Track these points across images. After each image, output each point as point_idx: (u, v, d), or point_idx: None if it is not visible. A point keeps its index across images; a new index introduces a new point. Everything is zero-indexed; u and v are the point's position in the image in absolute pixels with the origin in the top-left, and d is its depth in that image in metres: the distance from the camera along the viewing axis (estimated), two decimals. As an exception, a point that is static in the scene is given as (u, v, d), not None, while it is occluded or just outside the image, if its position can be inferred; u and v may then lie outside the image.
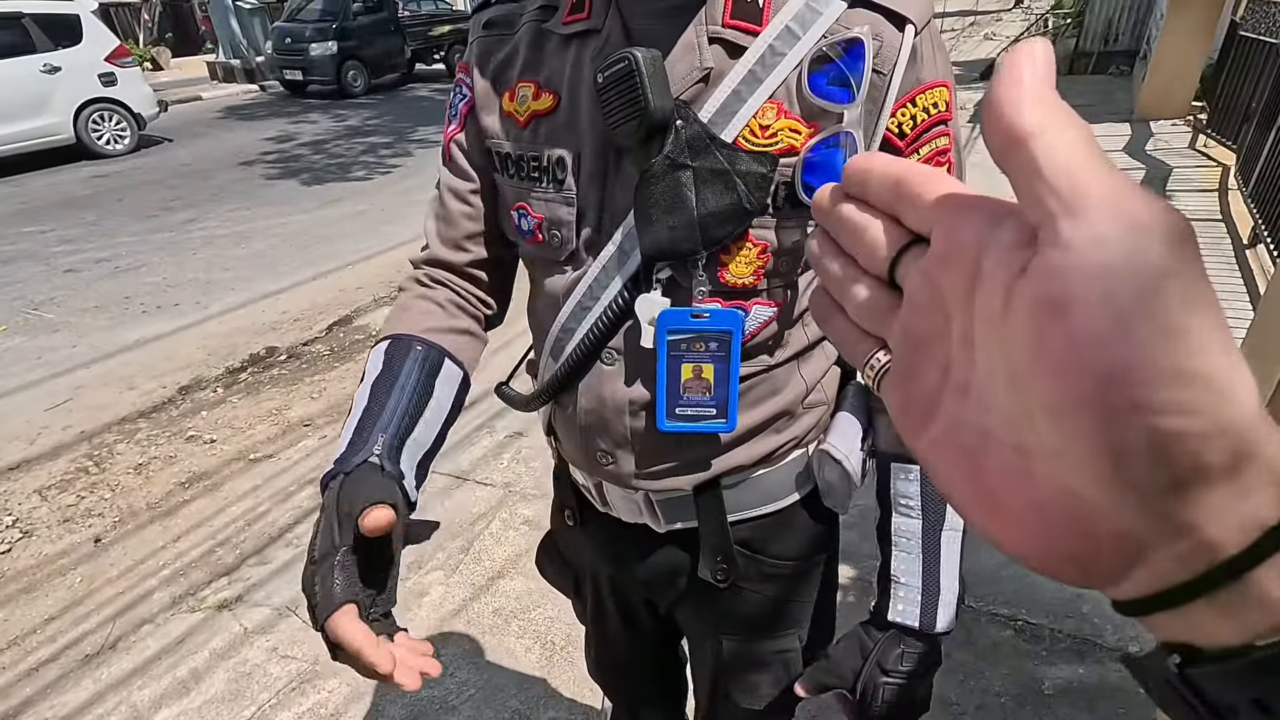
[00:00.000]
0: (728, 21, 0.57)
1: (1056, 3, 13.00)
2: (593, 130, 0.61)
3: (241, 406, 3.08)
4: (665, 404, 0.64)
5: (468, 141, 0.70)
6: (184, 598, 2.04)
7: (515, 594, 1.92)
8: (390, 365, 0.65)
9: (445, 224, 0.73)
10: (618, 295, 0.63)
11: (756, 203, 0.58)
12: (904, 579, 0.70)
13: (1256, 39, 4.43)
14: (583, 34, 0.61)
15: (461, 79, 0.71)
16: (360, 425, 0.61)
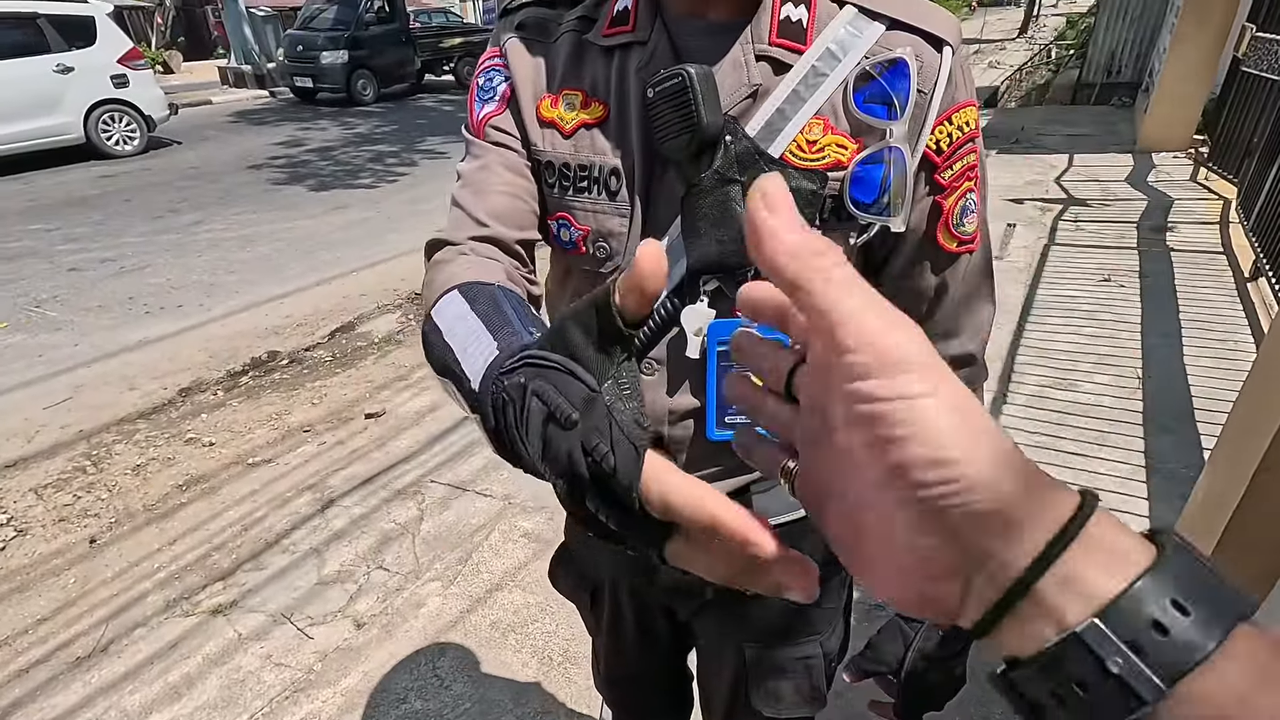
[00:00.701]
0: (774, 40, 0.59)
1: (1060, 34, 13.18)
2: (640, 142, 0.61)
3: (241, 410, 3.07)
4: (715, 414, 0.65)
5: (509, 123, 0.67)
6: (178, 601, 2.02)
7: (514, 607, 1.91)
8: (474, 297, 0.48)
9: (491, 198, 0.64)
10: (661, 306, 0.62)
11: (805, 218, 0.56)
12: None
13: (1259, 75, 4.48)
14: (624, 46, 0.62)
15: (495, 62, 0.67)
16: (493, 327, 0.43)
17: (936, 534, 0.22)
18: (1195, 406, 2.52)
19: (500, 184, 0.65)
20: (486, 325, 0.43)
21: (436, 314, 0.50)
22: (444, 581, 2.02)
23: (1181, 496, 1.96)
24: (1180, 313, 3.23)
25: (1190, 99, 5.93)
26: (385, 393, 3.15)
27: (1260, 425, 1.33)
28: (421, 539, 2.20)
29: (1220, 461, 1.55)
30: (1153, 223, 4.41)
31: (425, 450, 2.69)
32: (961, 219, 0.64)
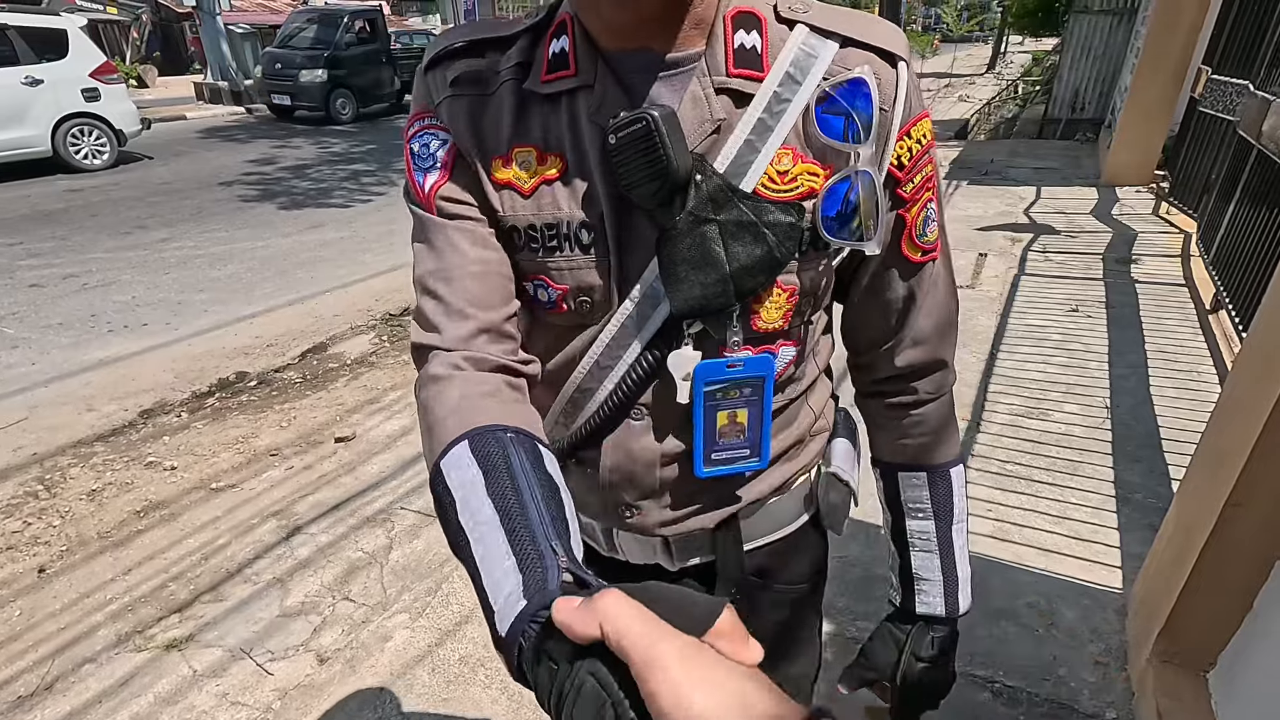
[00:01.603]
0: (732, 71, 0.56)
1: (1026, 70, 13.64)
2: (605, 188, 0.58)
3: (206, 433, 2.98)
4: (702, 452, 0.65)
5: (461, 191, 0.61)
6: (130, 635, 1.93)
7: (484, 641, 1.85)
8: (492, 466, 0.48)
9: (465, 283, 0.59)
10: (645, 354, 0.61)
11: (787, 252, 0.58)
12: (926, 575, 0.77)
13: (1214, 115, 4.66)
14: (569, 91, 0.58)
15: (427, 124, 0.61)
16: (518, 544, 0.44)
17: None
18: (1162, 436, 2.57)
19: (470, 264, 0.60)
20: (508, 535, 0.44)
21: (446, 471, 0.49)
22: (412, 614, 1.95)
23: (1150, 526, 1.98)
24: (1145, 343, 3.30)
25: (1151, 136, 6.15)
26: (356, 416, 3.09)
27: (1226, 460, 1.35)
28: (390, 569, 2.14)
29: (1189, 495, 1.57)
30: (1117, 255, 4.53)
31: (396, 475, 2.63)
32: (924, 229, 0.64)
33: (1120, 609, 1.82)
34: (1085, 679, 1.63)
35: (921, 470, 0.75)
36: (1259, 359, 1.37)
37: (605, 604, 0.32)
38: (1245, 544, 1.32)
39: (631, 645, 0.30)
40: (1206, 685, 1.42)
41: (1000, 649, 1.71)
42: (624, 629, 0.31)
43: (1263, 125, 3.33)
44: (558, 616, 0.34)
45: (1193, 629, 1.43)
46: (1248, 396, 1.36)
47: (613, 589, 0.33)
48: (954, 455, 0.76)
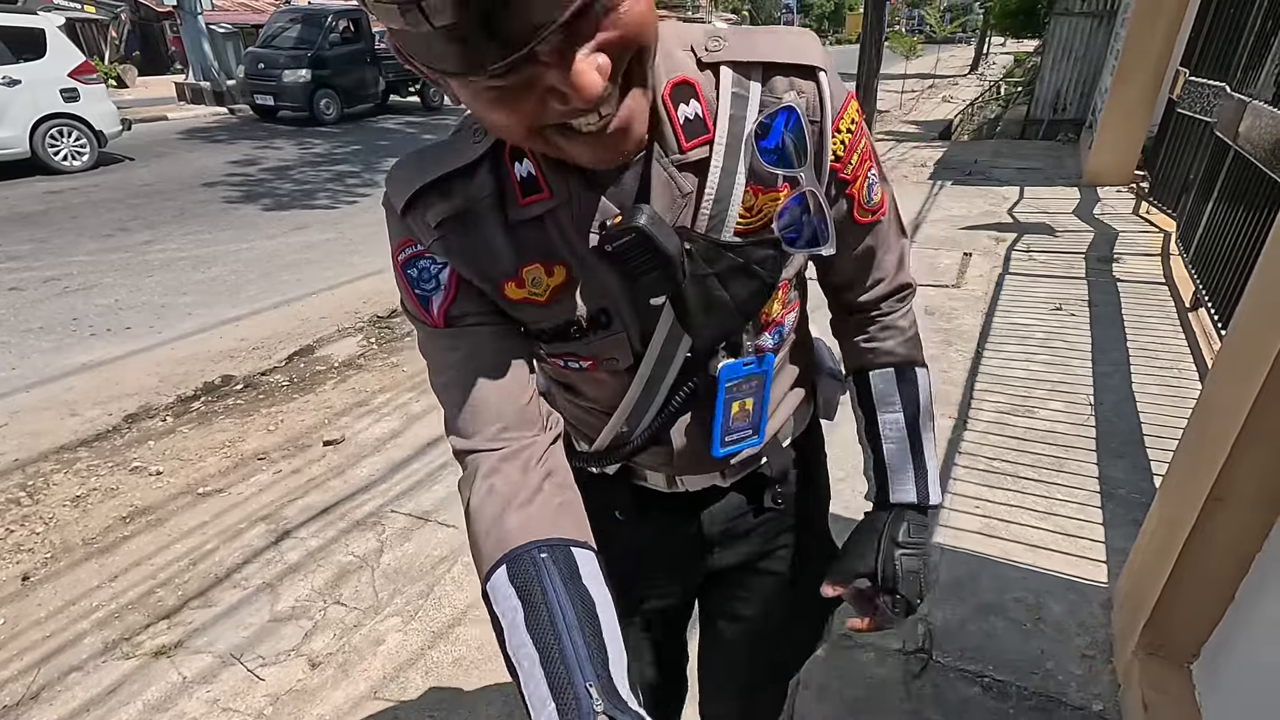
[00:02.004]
0: (685, 146, 0.61)
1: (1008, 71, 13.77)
2: (611, 277, 0.64)
3: (192, 437, 2.96)
4: (719, 437, 0.75)
5: (469, 304, 0.65)
6: (118, 643, 1.91)
7: (477, 643, 1.85)
8: (529, 596, 0.54)
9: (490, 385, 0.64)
10: (683, 378, 0.72)
11: (776, 276, 0.68)
12: (897, 465, 0.83)
13: (1192, 116, 4.74)
14: (550, 210, 0.62)
15: (418, 251, 0.64)
16: (557, 688, 0.50)
17: None
18: (1144, 433, 2.61)
19: (487, 365, 0.65)
20: (548, 678, 0.50)
21: (493, 596, 0.57)
22: (404, 617, 1.95)
23: (1134, 522, 2.02)
24: (1128, 341, 3.35)
25: (1131, 137, 6.24)
26: (345, 419, 3.07)
27: (1207, 456, 1.38)
28: (381, 572, 2.13)
29: (1171, 490, 1.60)
30: (1099, 254, 4.60)
31: (386, 479, 2.62)
32: (869, 195, 0.72)
33: (1106, 603, 1.85)
34: (1072, 672, 1.66)
35: (888, 368, 0.83)
36: (1237, 358, 1.40)
37: None
38: (1226, 538, 1.35)
39: None
40: (1190, 676, 1.45)
41: (989, 644, 1.74)
42: None
43: (1239, 126, 3.39)
44: None
45: (1176, 621, 1.45)
46: (1227, 394, 1.39)
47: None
48: (920, 359, 0.84)
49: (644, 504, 0.88)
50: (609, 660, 0.52)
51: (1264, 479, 1.29)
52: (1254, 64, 3.61)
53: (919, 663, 1.69)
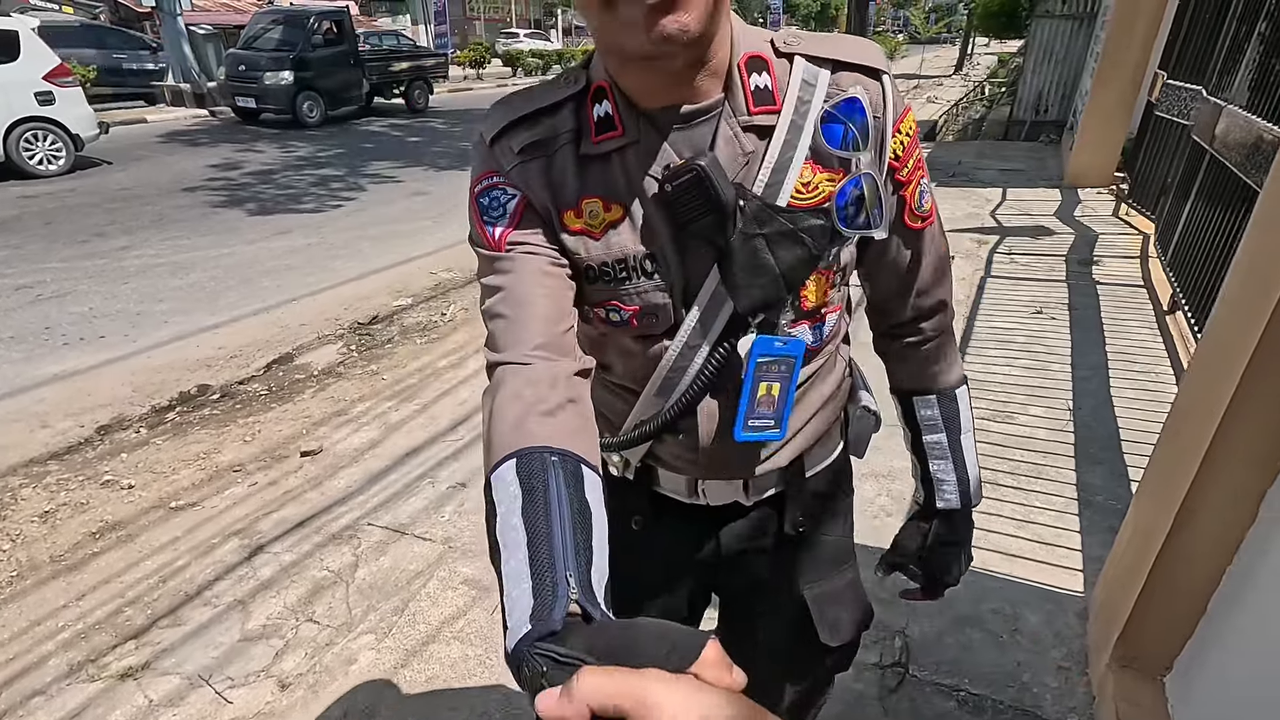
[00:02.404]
0: (754, 110, 0.68)
1: (992, 73, 13.86)
2: (664, 223, 0.70)
3: (166, 449, 2.91)
4: (743, 418, 0.77)
5: (529, 235, 0.71)
6: (83, 665, 1.86)
7: (450, 661, 1.82)
8: (531, 488, 0.55)
9: (535, 305, 0.68)
10: (719, 344, 0.74)
11: (822, 248, 0.71)
12: (942, 477, 0.92)
13: (1170, 119, 4.78)
14: (619, 149, 0.69)
15: (496, 182, 0.71)
16: (537, 570, 0.50)
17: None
18: (1122, 438, 2.62)
19: (537, 287, 0.69)
20: (531, 559, 0.50)
21: (494, 484, 0.57)
22: (378, 634, 1.92)
23: (1110, 529, 2.02)
24: (1106, 345, 3.37)
25: (1110, 139, 6.29)
26: (323, 429, 3.03)
27: (1180, 466, 1.37)
28: (356, 588, 2.10)
29: (1145, 500, 1.60)
30: (1080, 256, 4.63)
31: (364, 490, 2.58)
32: (920, 201, 0.78)
33: (1081, 612, 1.85)
34: (1048, 684, 1.66)
35: (931, 394, 0.91)
36: (1209, 368, 1.40)
37: (588, 687, 0.34)
38: (1199, 550, 1.35)
39: (621, 705, 0.32)
40: (1164, 689, 1.45)
41: (965, 656, 1.73)
42: (609, 697, 0.33)
43: (1215, 130, 3.42)
44: (545, 711, 0.36)
45: (1149, 634, 1.45)
46: (1199, 404, 1.38)
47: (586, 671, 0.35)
48: (958, 379, 0.92)
49: (662, 513, 0.90)
50: (593, 564, 0.52)
51: (1235, 491, 1.29)
52: (1229, 68, 3.64)
53: (895, 677, 1.68)
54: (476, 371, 3.46)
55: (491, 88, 18.80)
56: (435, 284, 4.76)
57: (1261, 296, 1.21)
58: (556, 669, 0.41)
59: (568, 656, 0.41)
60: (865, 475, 2.40)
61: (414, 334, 3.99)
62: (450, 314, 4.23)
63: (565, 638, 0.43)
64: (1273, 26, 3.09)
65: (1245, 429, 1.24)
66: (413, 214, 6.52)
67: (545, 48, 26.12)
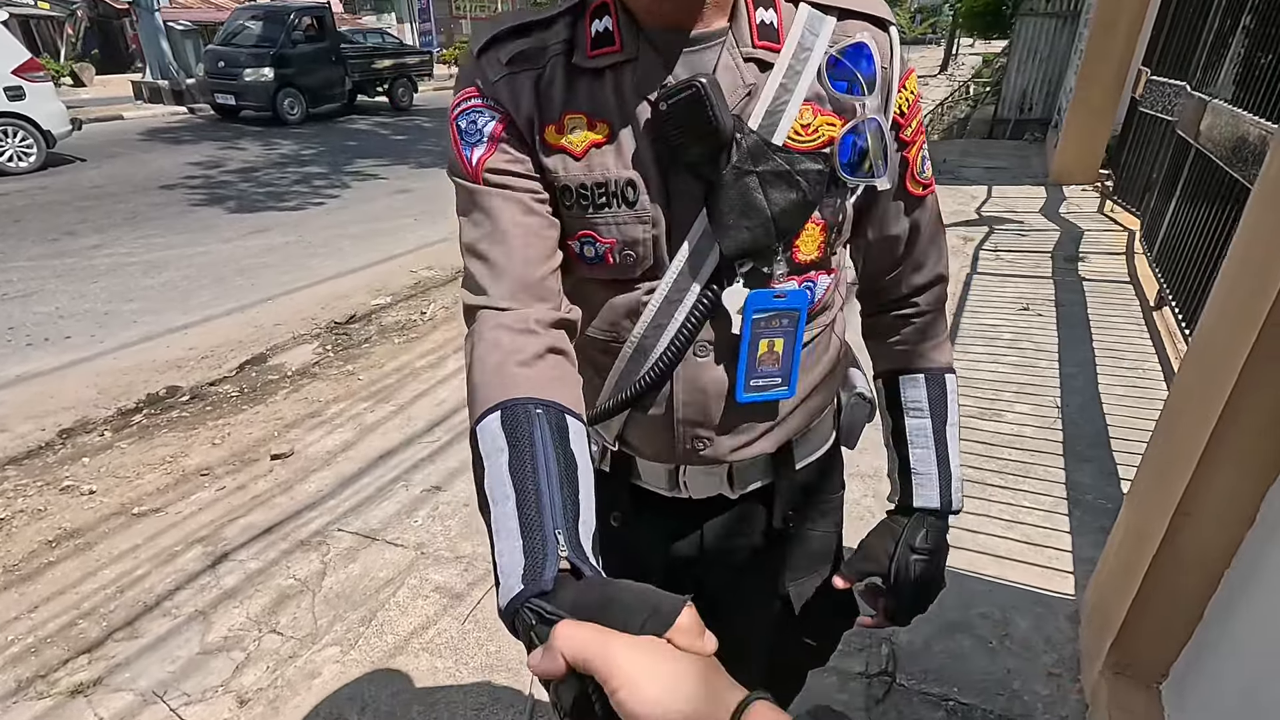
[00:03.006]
0: (757, 43, 0.66)
1: (977, 72, 13.90)
2: (652, 151, 0.66)
3: (131, 452, 2.80)
4: (744, 378, 0.73)
5: (507, 162, 0.67)
6: (32, 681, 1.77)
7: (419, 673, 1.74)
8: (517, 442, 0.54)
9: (511, 244, 0.65)
10: (702, 294, 0.69)
11: (818, 194, 0.68)
12: (922, 469, 0.84)
13: (1154, 115, 4.77)
14: (614, 65, 0.66)
15: (475, 103, 0.68)
16: (527, 527, 0.50)
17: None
18: (1110, 435, 2.58)
19: (514, 228, 0.66)
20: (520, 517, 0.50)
21: (480, 437, 0.56)
22: (343, 646, 1.83)
23: (1101, 529, 1.97)
24: (1093, 341, 3.34)
25: (1095, 136, 6.29)
26: (295, 431, 2.93)
27: (1175, 468, 1.32)
28: (322, 596, 2.01)
29: (1138, 501, 1.55)
30: (1065, 253, 4.60)
31: (335, 494, 2.50)
32: (923, 166, 0.76)
33: (1073, 615, 1.80)
34: (1039, 692, 1.60)
35: (919, 373, 0.85)
36: (1202, 368, 1.35)
37: (562, 639, 0.38)
38: (1195, 554, 1.29)
39: (589, 662, 0.36)
40: (1159, 698, 1.39)
41: (954, 664, 1.67)
42: (580, 651, 0.37)
43: (1200, 125, 3.40)
44: (532, 667, 0.40)
45: (1144, 640, 1.40)
46: (1194, 403, 1.33)
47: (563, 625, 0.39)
48: (947, 362, 0.86)
49: (642, 508, 0.85)
50: (579, 518, 0.52)
51: (1233, 493, 1.23)
52: (1213, 63, 3.63)
53: (882, 686, 1.61)
54: (455, 372, 3.38)
55: (477, 86, 18.64)
56: (415, 282, 4.67)
57: (1256, 296, 1.16)
58: (544, 626, 0.43)
59: (554, 614, 0.43)
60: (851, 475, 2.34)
61: (392, 333, 3.90)
62: (430, 312, 4.14)
63: (555, 594, 0.45)
64: (1258, 20, 3.06)
65: (1243, 429, 1.19)
66: (394, 212, 6.42)
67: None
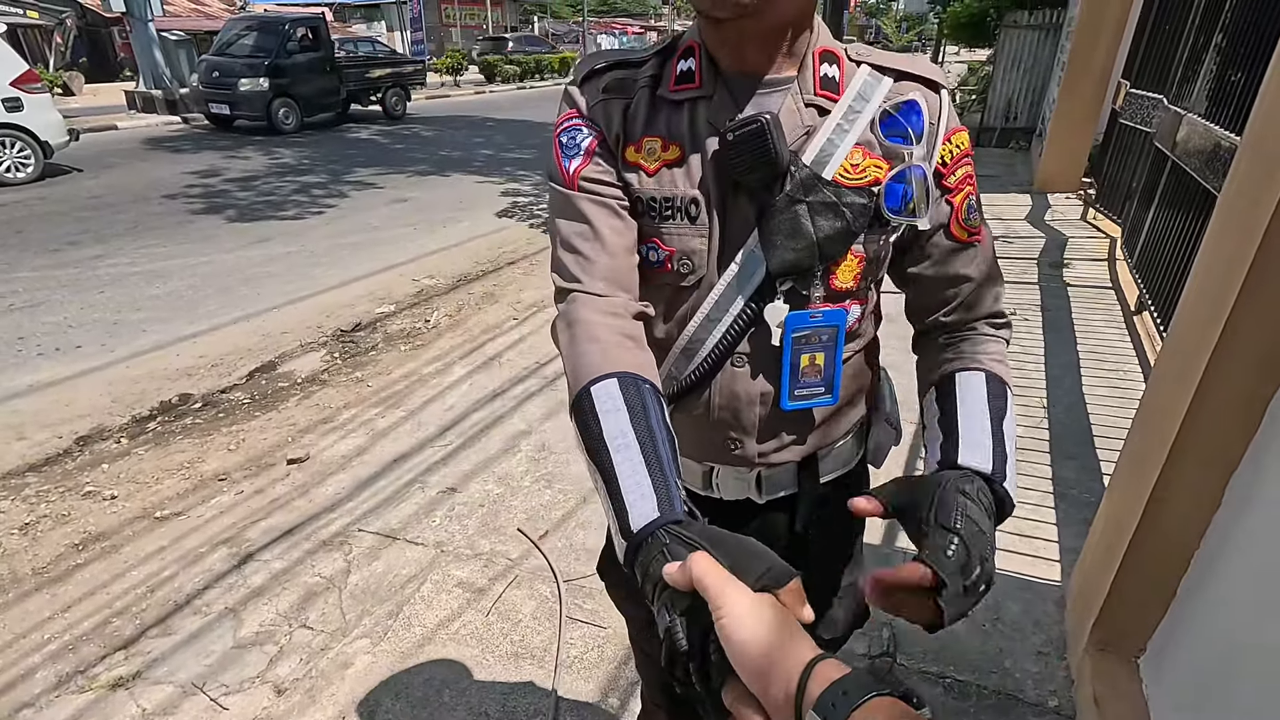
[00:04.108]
0: (819, 92, 0.75)
1: (963, 80, 14.13)
2: (715, 174, 0.75)
3: (148, 459, 2.88)
4: (788, 389, 0.80)
5: (599, 172, 0.78)
6: (72, 676, 1.85)
7: (448, 662, 1.84)
8: (632, 407, 0.63)
9: (604, 240, 0.76)
10: (745, 308, 0.77)
11: (860, 226, 0.75)
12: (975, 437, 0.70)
13: (1133, 127, 4.95)
14: (693, 100, 0.76)
15: (575, 121, 0.79)
16: (652, 467, 0.59)
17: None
18: (1094, 433, 2.72)
19: (605, 228, 0.76)
20: (646, 463, 0.59)
21: (596, 395, 0.64)
22: (373, 638, 1.92)
23: (1084, 521, 2.10)
24: (1078, 344, 3.48)
25: (1077, 145, 6.48)
26: (309, 436, 3.02)
27: (1149, 458, 1.44)
28: (348, 593, 2.10)
29: (1117, 491, 1.68)
30: (1050, 259, 4.76)
31: (353, 497, 2.58)
32: (968, 215, 0.80)
33: (1059, 600, 1.92)
34: (1029, 669, 1.72)
35: (980, 371, 0.77)
36: (1174, 364, 1.48)
37: (696, 563, 0.47)
38: (1168, 537, 1.42)
39: (707, 588, 0.45)
40: (1138, 670, 1.51)
41: (950, 645, 1.79)
42: (706, 578, 0.46)
43: (1176, 137, 3.55)
44: (667, 573, 0.49)
45: (1124, 618, 1.52)
46: (1166, 398, 1.46)
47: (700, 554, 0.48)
48: (1007, 376, 0.78)
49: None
50: (679, 481, 0.60)
51: (1200, 479, 1.36)
52: (1188, 78, 3.79)
53: (884, 666, 1.73)
54: (463, 378, 3.48)
55: (469, 95, 18.76)
56: (418, 290, 4.76)
57: (1220, 298, 1.28)
58: (680, 547, 0.51)
59: (692, 539, 0.52)
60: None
61: (398, 341, 3.98)
62: (434, 320, 4.23)
63: (686, 525, 0.54)
64: (1228, 39, 3.23)
65: (1208, 421, 1.31)
66: (393, 221, 6.50)
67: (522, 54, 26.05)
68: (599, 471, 0.61)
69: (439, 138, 11.57)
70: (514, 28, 34.77)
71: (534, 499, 2.52)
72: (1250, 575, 1.22)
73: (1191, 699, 1.31)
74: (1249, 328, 1.23)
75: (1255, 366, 1.24)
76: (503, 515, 2.44)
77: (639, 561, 0.54)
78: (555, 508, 2.46)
